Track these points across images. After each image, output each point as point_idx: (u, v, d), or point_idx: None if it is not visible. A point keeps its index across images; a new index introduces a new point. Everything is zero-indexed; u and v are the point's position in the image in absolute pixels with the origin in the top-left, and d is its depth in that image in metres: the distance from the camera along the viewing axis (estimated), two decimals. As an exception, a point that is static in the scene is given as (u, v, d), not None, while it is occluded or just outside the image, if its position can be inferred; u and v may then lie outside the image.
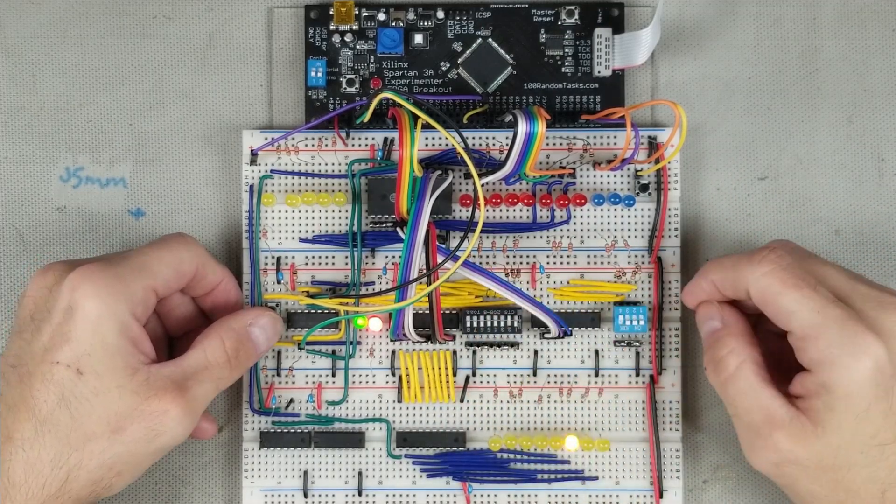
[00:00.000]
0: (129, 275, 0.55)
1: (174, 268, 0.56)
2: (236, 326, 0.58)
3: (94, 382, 0.53)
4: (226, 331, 0.57)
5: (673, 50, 0.63)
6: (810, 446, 0.53)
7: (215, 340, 0.57)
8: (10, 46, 0.63)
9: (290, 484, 0.62)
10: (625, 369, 0.62)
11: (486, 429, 0.62)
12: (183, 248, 0.57)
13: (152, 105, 0.63)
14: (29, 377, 0.54)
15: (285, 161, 0.62)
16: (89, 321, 0.53)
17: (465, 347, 0.62)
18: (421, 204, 0.58)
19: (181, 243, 0.57)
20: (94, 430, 0.53)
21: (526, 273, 0.62)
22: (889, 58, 0.63)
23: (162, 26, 0.63)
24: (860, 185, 0.63)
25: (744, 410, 0.55)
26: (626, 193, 0.62)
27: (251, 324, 0.58)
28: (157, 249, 0.57)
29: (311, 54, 0.62)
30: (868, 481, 0.53)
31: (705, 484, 0.63)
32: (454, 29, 0.62)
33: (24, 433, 0.53)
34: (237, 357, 0.57)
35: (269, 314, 0.59)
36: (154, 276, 0.56)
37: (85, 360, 0.53)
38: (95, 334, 0.53)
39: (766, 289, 0.54)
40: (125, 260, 0.56)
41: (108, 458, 0.54)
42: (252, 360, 0.58)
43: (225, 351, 0.56)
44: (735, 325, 0.57)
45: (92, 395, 0.53)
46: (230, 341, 0.57)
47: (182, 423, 0.55)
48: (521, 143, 0.57)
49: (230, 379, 0.57)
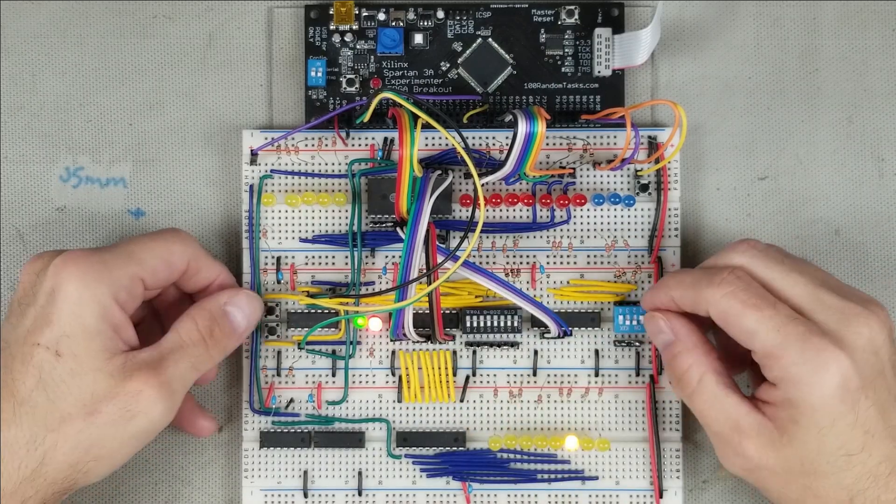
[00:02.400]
0: (115, 261, 0.55)
1: (164, 259, 0.56)
2: (209, 306, 0.58)
3: (70, 364, 0.54)
4: (198, 311, 0.57)
5: (673, 50, 0.63)
6: (778, 453, 0.54)
7: (187, 321, 0.57)
8: (10, 46, 0.63)
9: (290, 484, 0.62)
10: (625, 369, 0.62)
11: (486, 429, 0.62)
12: (175, 241, 0.57)
13: (152, 105, 0.63)
14: (11, 359, 0.54)
15: (285, 161, 0.62)
16: (70, 303, 0.54)
17: (465, 347, 0.62)
18: (421, 204, 0.58)
19: (174, 236, 0.57)
20: (69, 411, 0.53)
21: (526, 273, 0.62)
22: (889, 58, 0.63)
23: (162, 26, 0.63)
24: (860, 185, 0.63)
25: (712, 420, 0.56)
26: (626, 193, 0.62)
27: (226, 303, 0.58)
28: (148, 240, 0.57)
29: (311, 54, 0.62)
30: (836, 488, 0.54)
31: (705, 484, 0.63)
32: (454, 29, 0.62)
33: (2, 414, 0.53)
34: (212, 336, 0.57)
35: (244, 292, 0.59)
36: (141, 265, 0.56)
37: (64, 341, 0.54)
38: (75, 316, 0.54)
39: (727, 310, 0.54)
40: (113, 248, 0.56)
41: (84, 439, 0.54)
42: (232, 339, 0.58)
43: (198, 330, 0.56)
44: (688, 338, 0.57)
45: (68, 377, 0.53)
46: (203, 320, 0.57)
47: (157, 405, 0.54)
48: (521, 143, 0.57)
49: (208, 359, 0.57)
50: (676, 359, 0.57)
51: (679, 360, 0.56)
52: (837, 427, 0.53)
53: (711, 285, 0.55)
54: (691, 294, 0.56)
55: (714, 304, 0.55)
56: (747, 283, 0.55)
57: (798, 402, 0.53)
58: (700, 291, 0.55)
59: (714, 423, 0.56)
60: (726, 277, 0.55)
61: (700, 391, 0.56)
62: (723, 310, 0.55)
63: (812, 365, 0.53)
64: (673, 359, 0.57)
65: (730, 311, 0.54)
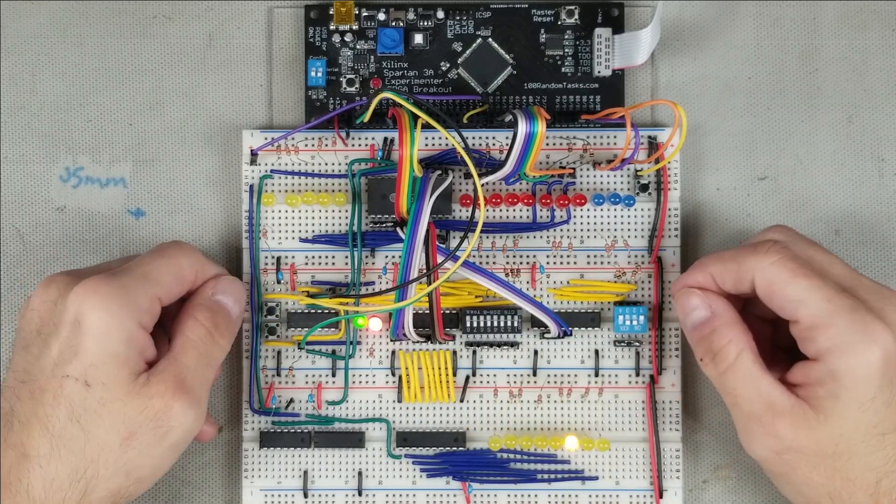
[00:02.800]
0: (134, 285, 0.55)
1: (175, 275, 0.57)
2: (202, 301, 0.58)
3: (100, 393, 0.53)
4: (195, 308, 0.57)
5: (673, 50, 0.63)
6: (812, 434, 0.54)
7: (189, 321, 0.57)
8: (10, 46, 0.63)
9: (290, 484, 0.62)
10: (625, 369, 0.62)
11: (486, 429, 0.62)
12: (181, 254, 0.57)
13: (152, 105, 0.63)
14: (41, 393, 0.54)
15: (285, 161, 0.62)
16: (97, 333, 0.53)
17: (465, 347, 0.62)
18: (421, 204, 0.58)
19: (179, 250, 0.58)
20: (105, 439, 0.54)
21: (526, 273, 0.62)
22: (889, 58, 0.63)
23: (162, 26, 0.63)
24: (860, 185, 0.63)
25: (744, 399, 0.55)
26: (626, 193, 0.62)
27: (213, 293, 0.58)
28: (157, 258, 0.57)
29: (311, 54, 0.62)
30: (866, 469, 0.54)
31: (705, 484, 0.63)
32: (454, 29, 0.62)
33: (39, 450, 0.53)
34: (217, 327, 0.57)
35: (223, 277, 0.59)
36: (158, 285, 0.56)
37: (91, 371, 0.53)
38: (103, 346, 0.53)
39: (774, 278, 0.54)
40: (128, 271, 0.56)
41: (123, 464, 0.54)
42: (232, 326, 0.58)
43: (203, 325, 0.57)
44: (728, 314, 0.56)
45: (100, 406, 0.53)
46: (203, 315, 0.57)
47: (188, 414, 0.55)
48: (521, 143, 0.57)
49: (219, 351, 0.57)
50: (715, 333, 0.56)
51: (717, 335, 0.56)
52: (876, 404, 0.53)
53: (757, 254, 0.55)
54: (733, 267, 0.56)
55: (761, 272, 0.54)
56: (794, 254, 0.55)
57: (842, 374, 0.53)
58: (744, 262, 0.55)
59: (747, 403, 0.55)
60: (772, 248, 0.55)
61: (736, 368, 0.55)
62: (770, 277, 0.54)
63: (861, 336, 0.53)
64: (711, 333, 0.56)
65: (777, 279, 0.54)
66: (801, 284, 0.54)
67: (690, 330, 0.57)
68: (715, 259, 0.57)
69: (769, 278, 0.54)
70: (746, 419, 0.55)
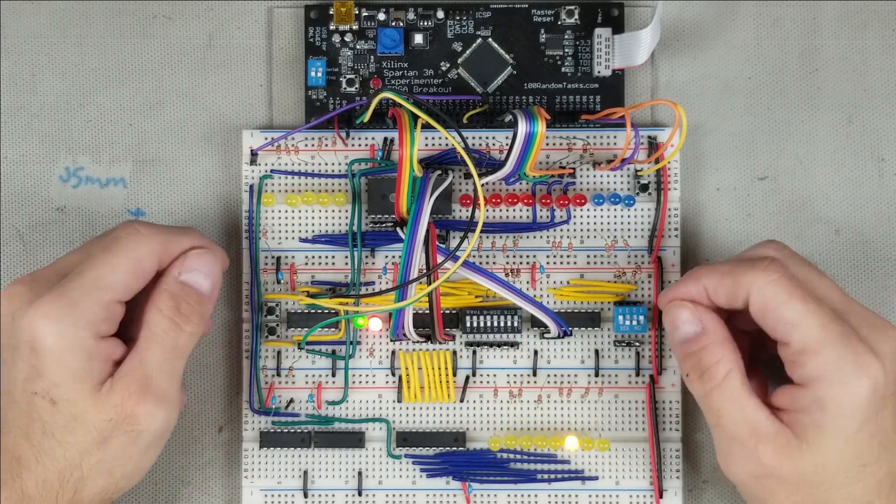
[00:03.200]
0: (86, 298, 0.54)
1: (132, 273, 0.55)
2: (166, 286, 0.56)
3: (68, 409, 0.53)
4: (158, 295, 0.56)
5: (673, 50, 0.63)
6: (794, 461, 0.53)
7: (152, 311, 0.55)
8: (10, 46, 0.63)
9: (290, 484, 0.62)
10: (625, 369, 0.62)
11: (485, 429, 0.62)
12: (137, 246, 0.55)
13: (152, 105, 0.63)
14: (16, 405, 0.54)
15: (285, 161, 0.62)
16: (54, 356, 0.53)
17: (465, 347, 0.62)
18: (421, 204, 0.58)
19: (135, 241, 0.55)
20: (82, 447, 0.54)
21: (526, 273, 0.62)
22: (889, 58, 0.63)
23: (162, 26, 0.63)
24: (860, 185, 0.63)
25: (728, 421, 0.54)
26: (626, 193, 0.62)
27: (180, 273, 0.56)
28: (111, 256, 0.55)
29: (311, 54, 0.62)
30: (845, 500, 0.53)
31: (705, 484, 0.63)
32: (454, 29, 0.62)
33: (26, 457, 0.54)
34: (180, 313, 0.55)
35: (192, 253, 0.56)
36: (113, 288, 0.54)
37: (55, 390, 0.53)
38: (62, 366, 0.53)
39: (770, 298, 0.53)
40: (80, 277, 0.54)
41: (105, 466, 0.54)
42: (202, 306, 0.56)
43: (164, 315, 0.55)
44: (718, 331, 0.55)
45: (69, 420, 0.54)
46: (165, 303, 0.55)
47: (157, 416, 0.54)
48: (520, 143, 0.57)
49: (186, 338, 0.56)
50: (705, 351, 0.55)
51: (707, 352, 0.55)
52: (860, 435, 0.52)
53: (755, 270, 0.54)
54: (729, 282, 0.54)
55: (758, 290, 0.53)
56: (791, 274, 0.54)
57: (828, 404, 0.52)
58: (741, 277, 0.54)
59: (731, 424, 0.54)
60: (770, 265, 0.54)
61: (724, 388, 0.54)
62: (766, 296, 0.53)
63: (851, 366, 0.52)
64: (701, 350, 0.55)
65: (774, 299, 0.53)
66: (797, 307, 0.53)
67: (679, 344, 0.56)
68: (710, 272, 0.55)
69: (766, 297, 0.53)
70: (729, 441, 0.55)
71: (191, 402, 0.63)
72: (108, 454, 0.54)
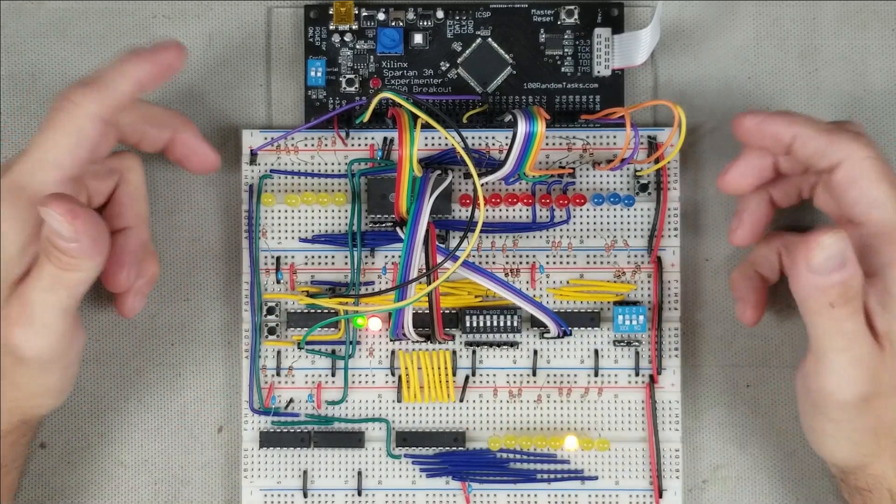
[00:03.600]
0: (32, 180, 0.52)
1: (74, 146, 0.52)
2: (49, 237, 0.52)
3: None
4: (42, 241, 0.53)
5: (673, 50, 0.63)
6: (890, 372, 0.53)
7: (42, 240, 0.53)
8: (10, 46, 0.63)
9: (289, 484, 0.62)
10: (624, 369, 0.62)
11: (485, 428, 0.62)
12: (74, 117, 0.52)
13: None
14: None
15: (285, 161, 0.62)
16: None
17: (465, 347, 0.62)
18: (420, 204, 0.58)
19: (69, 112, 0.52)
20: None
21: (525, 273, 0.62)
22: (889, 58, 0.63)
23: (162, 26, 0.63)
24: (860, 184, 0.63)
25: (858, 345, 0.53)
26: (625, 193, 0.62)
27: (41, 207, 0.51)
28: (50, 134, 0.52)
29: (311, 54, 0.62)
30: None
31: (705, 484, 0.63)
32: (454, 29, 0.62)
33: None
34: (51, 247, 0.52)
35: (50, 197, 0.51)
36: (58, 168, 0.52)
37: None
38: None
39: (864, 172, 0.53)
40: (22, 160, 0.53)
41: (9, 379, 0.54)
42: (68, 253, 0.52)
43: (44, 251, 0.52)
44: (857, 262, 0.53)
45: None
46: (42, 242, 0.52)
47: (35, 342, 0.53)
48: (520, 142, 0.57)
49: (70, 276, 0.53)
50: (854, 278, 0.52)
51: (857, 279, 0.52)
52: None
53: (857, 142, 0.53)
54: (824, 140, 0.54)
55: (853, 160, 0.53)
56: (883, 157, 0.54)
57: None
58: (838, 142, 0.54)
59: (859, 348, 0.53)
60: (870, 142, 0.54)
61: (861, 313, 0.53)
62: (861, 170, 0.53)
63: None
64: (851, 278, 0.52)
65: (866, 174, 0.53)
66: (885, 189, 0.53)
67: (831, 271, 0.53)
68: (807, 121, 0.55)
69: (859, 171, 0.53)
70: (852, 364, 0.53)
71: (191, 402, 0.63)
72: (7, 369, 0.54)
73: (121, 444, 0.63)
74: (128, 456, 0.63)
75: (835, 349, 0.53)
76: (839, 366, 0.53)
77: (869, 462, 0.55)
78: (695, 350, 0.62)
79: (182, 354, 0.63)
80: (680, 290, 0.62)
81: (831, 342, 0.53)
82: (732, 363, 0.63)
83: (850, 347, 0.53)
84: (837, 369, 0.53)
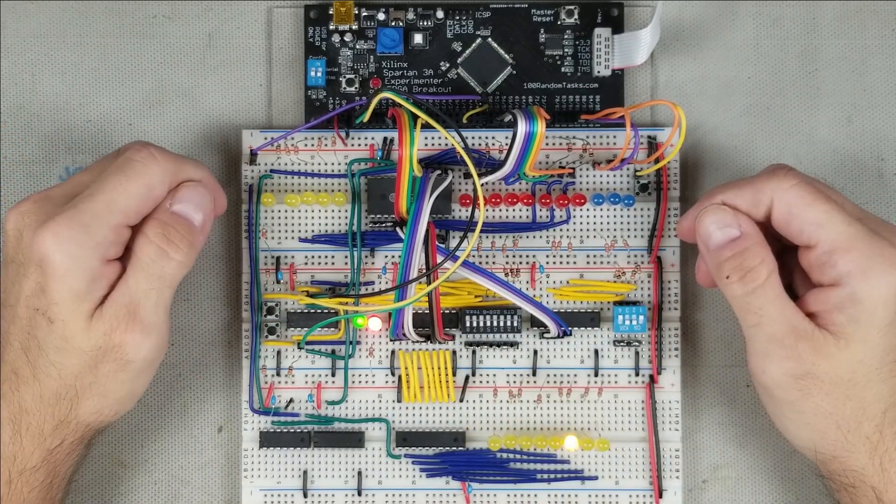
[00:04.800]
0: (97, 221, 0.54)
1: (144, 197, 0.55)
2: (157, 215, 0.56)
3: (61, 330, 0.54)
4: (148, 224, 0.56)
5: (673, 50, 0.63)
6: (831, 360, 0.54)
7: (140, 238, 0.55)
8: (10, 46, 0.63)
9: (289, 484, 0.62)
10: (624, 369, 0.62)
11: (485, 428, 0.62)
12: (151, 171, 0.55)
13: (152, 105, 0.63)
14: (17, 320, 0.55)
15: (285, 161, 0.62)
16: (60, 275, 0.54)
17: (465, 347, 0.62)
18: (420, 204, 0.58)
19: (149, 166, 0.55)
20: (75, 369, 0.55)
21: (525, 273, 0.62)
22: (889, 58, 0.63)
23: (162, 26, 0.63)
24: (860, 185, 0.63)
25: (769, 320, 0.55)
26: (625, 193, 0.62)
27: (171, 204, 0.56)
28: (124, 179, 0.55)
29: (311, 54, 0.62)
30: (875, 399, 0.54)
31: (705, 484, 0.63)
32: (454, 29, 0.62)
33: (24, 372, 0.55)
34: (169, 242, 0.55)
35: (184, 186, 0.56)
36: (124, 213, 0.55)
37: (54, 309, 0.54)
38: (66, 286, 0.54)
39: (794, 201, 0.54)
40: (91, 201, 0.54)
41: (98, 388, 0.55)
42: (193, 236, 0.56)
43: (152, 241, 0.55)
44: (758, 234, 0.55)
45: (62, 342, 0.54)
46: (154, 230, 0.55)
47: (143, 346, 0.55)
48: (520, 142, 0.57)
49: (175, 267, 0.56)
50: (748, 252, 0.55)
51: (751, 253, 0.55)
52: (891, 328, 0.53)
53: (776, 177, 0.55)
54: (748, 192, 0.55)
55: (781, 195, 0.55)
56: (810, 179, 0.55)
57: (863, 297, 0.53)
58: (761, 186, 0.55)
59: (772, 324, 0.54)
60: (789, 172, 0.55)
61: (766, 288, 0.55)
62: (790, 200, 0.54)
63: (880, 259, 0.53)
64: (744, 251, 0.55)
65: (798, 202, 0.54)
66: (822, 208, 0.54)
67: (720, 247, 0.56)
68: (726, 187, 0.56)
69: (789, 201, 0.54)
70: (767, 341, 0.55)
71: (191, 402, 0.63)
72: (99, 378, 0.55)
73: (121, 444, 0.63)
74: (128, 456, 0.63)
75: (747, 325, 0.55)
76: (757, 343, 0.55)
77: (844, 456, 0.55)
78: (695, 350, 0.62)
79: (182, 354, 0.63)
80: (680, 290, 0.62)
81: (743, 319, 0.55)
82: (732, 363, 0.63)
83: (761, 324, 0.55)
84: (756, 347, 0.55)
